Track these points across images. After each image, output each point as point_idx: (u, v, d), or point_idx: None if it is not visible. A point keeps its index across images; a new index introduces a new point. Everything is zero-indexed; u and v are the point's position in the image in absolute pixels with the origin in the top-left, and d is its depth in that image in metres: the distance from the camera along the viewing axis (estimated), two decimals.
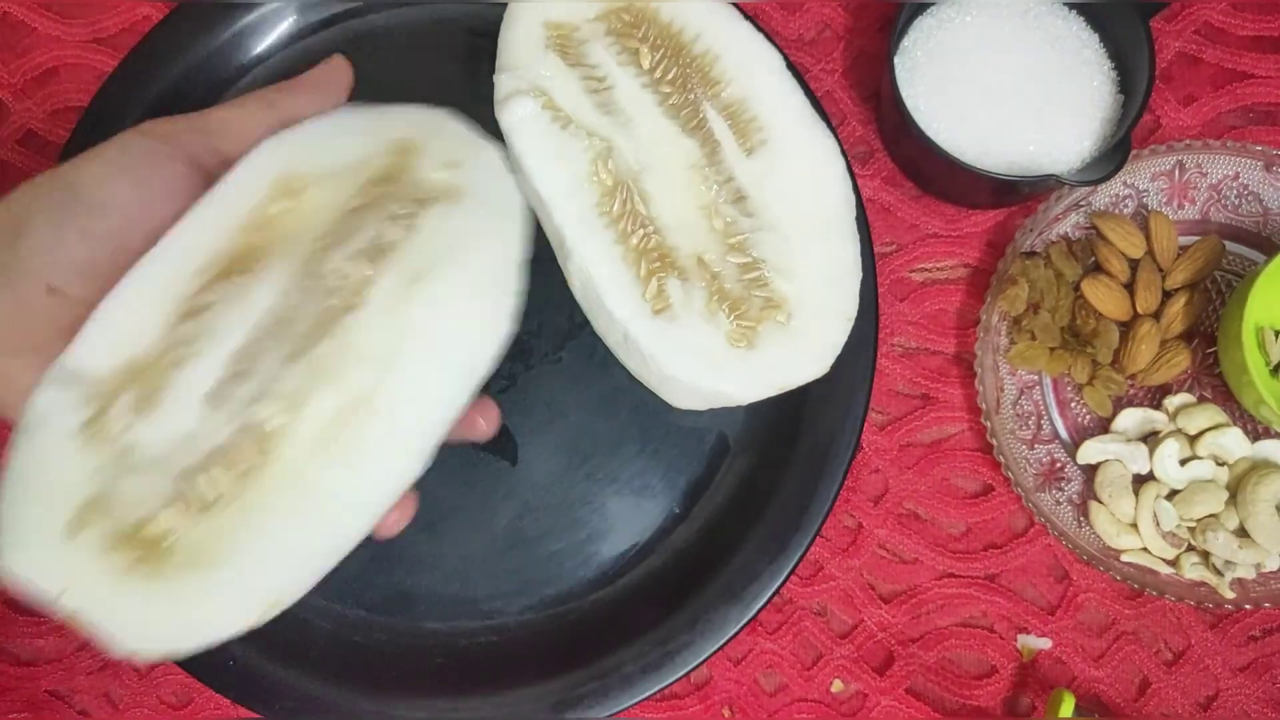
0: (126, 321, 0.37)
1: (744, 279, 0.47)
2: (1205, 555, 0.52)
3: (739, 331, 0.47)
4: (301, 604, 0.52)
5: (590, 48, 0.50)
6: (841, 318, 0.48)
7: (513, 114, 0.48)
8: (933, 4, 0.54)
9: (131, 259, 0.37)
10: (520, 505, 0.54)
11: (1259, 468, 0.52)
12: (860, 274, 0.48)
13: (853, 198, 0.49)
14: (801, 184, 0.48)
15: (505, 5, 0.56)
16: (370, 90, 0.57)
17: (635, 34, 0.50)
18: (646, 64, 0.49)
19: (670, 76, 0.49)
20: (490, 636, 0.54)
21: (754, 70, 0.49)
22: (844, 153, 0.50)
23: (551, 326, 0.56)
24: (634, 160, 0.48)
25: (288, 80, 0.43)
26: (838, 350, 0.47)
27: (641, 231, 0.47)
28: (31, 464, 0.35)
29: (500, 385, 0.54)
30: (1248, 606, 0.52)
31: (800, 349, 0.47)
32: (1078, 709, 0.52)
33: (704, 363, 0.46)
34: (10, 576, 0.34)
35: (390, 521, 0.39)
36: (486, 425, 0.41)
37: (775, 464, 0.53)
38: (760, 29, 0.50)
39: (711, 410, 0.54)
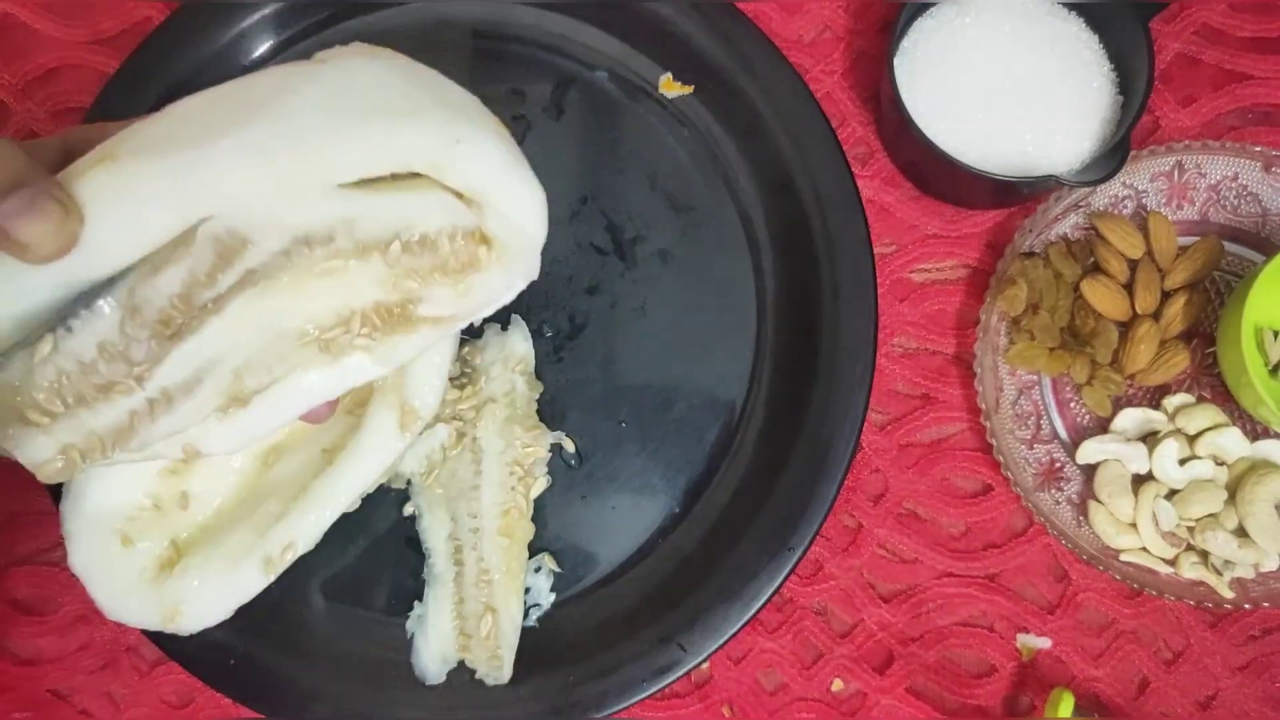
0: None
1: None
2: (1204, 555, 0.52)
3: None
4: (303, 603, 0.53)
5: None
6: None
7: None
8: (933, 5, 0.54)
9: None
10: None
11: (1258, 467, 0.52)
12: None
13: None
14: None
15: (505, 5, 0.56)
16: None
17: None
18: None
19: None
20: None
21: None
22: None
23: (552, 327, 0.56)
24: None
25: None
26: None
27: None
28: None
29: None
30: (1247, 606, 0.52)
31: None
32: (1077, 708, 0.52)
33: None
34: None
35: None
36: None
37: (775, 464, 0.54)
38: None
39: (711, 410, 0.55)
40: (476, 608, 0.52)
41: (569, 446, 0.55)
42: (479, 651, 0.51)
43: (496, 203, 0.40)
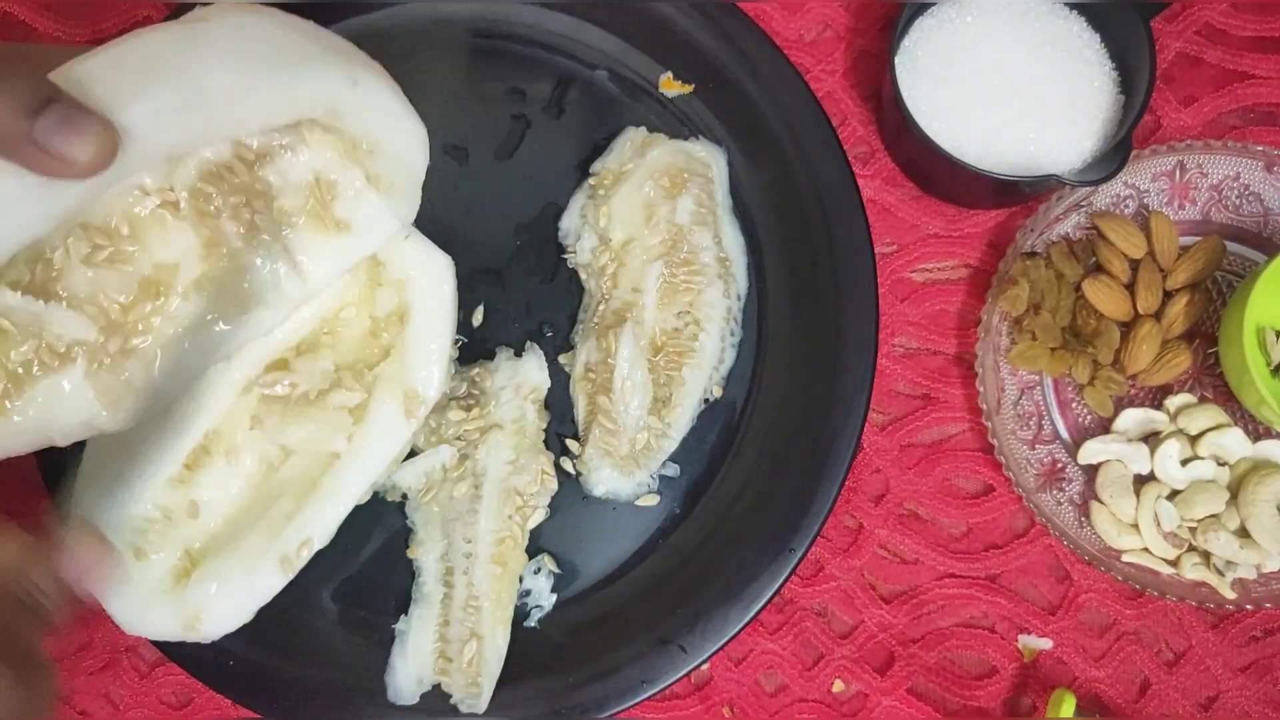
0: None
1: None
2: (1206, 555, 0.52)
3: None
4: (303, 604, 0.53)
5: None
6: None
7: None
8: (934, 4, 0.54)
9: None
10: None
11: (1260, 468, 0.52)
12: None
13: None
14: None
15: (505, 4, 0.56)
16: None
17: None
18: None
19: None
20: None
21: None
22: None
23: (553, 326, 0.56)
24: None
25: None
26: None
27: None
28: None
29: None
30: (1249, 607, 0.52)
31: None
32: (1078, 709, 0.52)
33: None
34: None
35: None
36: None
37: (776, 464, 0.53)
38: None
39: (711, 410, 0.55)
40: (462, 632, 0.51)
41: (571, 470, 0.54)
42: (458, 677, 0.51)
43: (389, 142, 0.44)
